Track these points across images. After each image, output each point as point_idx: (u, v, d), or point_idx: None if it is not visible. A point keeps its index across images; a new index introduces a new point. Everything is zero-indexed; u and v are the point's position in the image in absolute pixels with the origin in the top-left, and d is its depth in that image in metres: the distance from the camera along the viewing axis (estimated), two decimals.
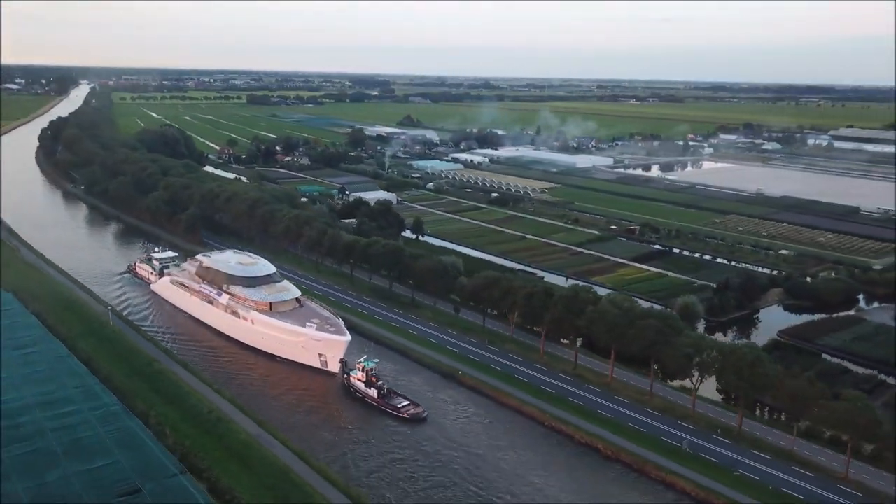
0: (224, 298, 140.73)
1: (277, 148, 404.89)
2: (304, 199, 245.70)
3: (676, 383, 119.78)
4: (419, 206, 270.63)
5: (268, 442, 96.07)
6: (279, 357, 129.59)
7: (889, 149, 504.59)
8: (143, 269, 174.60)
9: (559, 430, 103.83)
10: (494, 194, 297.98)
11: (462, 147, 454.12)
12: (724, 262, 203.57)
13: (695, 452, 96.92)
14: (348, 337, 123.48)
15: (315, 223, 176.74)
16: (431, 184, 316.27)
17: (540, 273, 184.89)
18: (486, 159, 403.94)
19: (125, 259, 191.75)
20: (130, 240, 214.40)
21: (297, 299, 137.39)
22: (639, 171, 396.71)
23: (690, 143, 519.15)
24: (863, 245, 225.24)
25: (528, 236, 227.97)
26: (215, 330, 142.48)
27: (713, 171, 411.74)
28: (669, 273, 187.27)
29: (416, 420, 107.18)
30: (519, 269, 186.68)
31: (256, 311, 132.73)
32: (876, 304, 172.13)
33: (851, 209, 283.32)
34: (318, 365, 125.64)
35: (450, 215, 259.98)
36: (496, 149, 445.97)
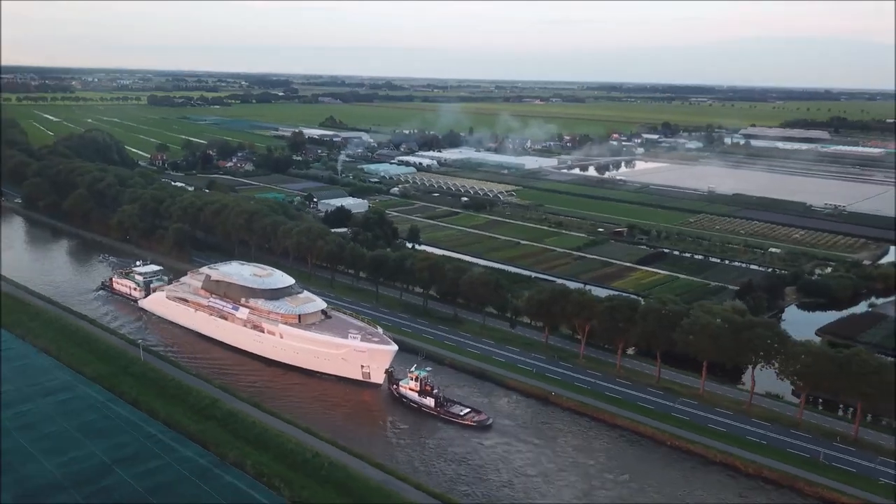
0: (243, 313, 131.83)
1: (210, 153, 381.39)
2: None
3: (762, 390, 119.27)
4: (393, 213, 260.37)
5: (396, 486, 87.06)
6: (318, 372, 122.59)
7: (799, 146, 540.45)
8: (123, 285, 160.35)
9: (685, 448, 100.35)
10: (464, 198, 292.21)
11: (403, 149, 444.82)
12: (719, 261, 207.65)
13: (830, 463, 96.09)
14: (395, 346, 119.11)
15: (330, 236, 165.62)
16: (397, 189, 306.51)
17: (559, 281, 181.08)
18: (435, 162, 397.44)
19: (90, 276, 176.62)
20: (88, 256, 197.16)
21: (324, 311, 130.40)
22: (577, 171, 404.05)
23: (622, 143, 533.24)
24: (836, 240, 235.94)
25: (522, 242, 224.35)
26: (230, 346, 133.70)
27: (652, 170, 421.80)
28: (679, 275, 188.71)
29: (482, 427, 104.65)
30: (535, 277, 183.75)
31: (285, 324, 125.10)
32: (874, 299, 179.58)
33: (802, 206, 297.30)
34: (358, 377, 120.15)
35: (429, 221, 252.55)
36: (440, 151, 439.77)
